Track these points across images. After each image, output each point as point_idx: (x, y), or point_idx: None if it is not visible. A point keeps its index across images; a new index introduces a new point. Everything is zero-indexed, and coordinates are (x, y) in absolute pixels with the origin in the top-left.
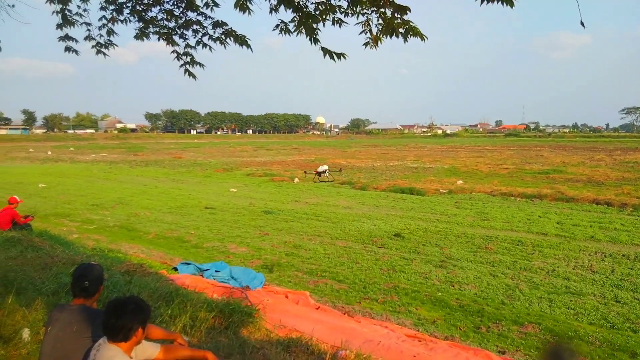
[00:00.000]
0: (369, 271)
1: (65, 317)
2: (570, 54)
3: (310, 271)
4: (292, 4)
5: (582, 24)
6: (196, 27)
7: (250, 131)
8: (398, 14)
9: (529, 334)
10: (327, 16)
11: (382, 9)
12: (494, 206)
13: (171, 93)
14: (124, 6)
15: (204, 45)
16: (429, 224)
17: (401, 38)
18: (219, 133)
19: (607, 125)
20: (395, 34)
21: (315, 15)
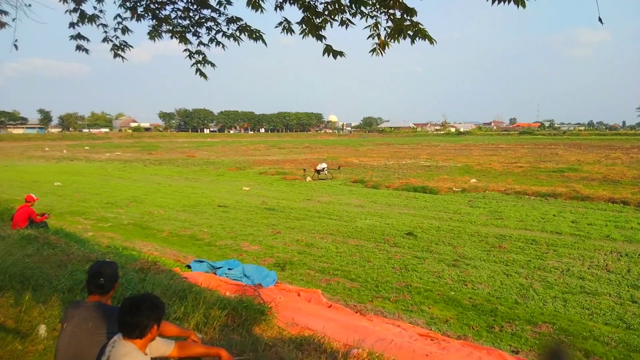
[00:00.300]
0: (381, 270)
1: (80, 314)
2: (588, 50)
3: (323, 269)
4: (299, 1)
5: (599, 20)
6: (210, 24)
7: (262, 130)
8: (407, 16)
9: (543, 334)
10: (336, 16)
11: (392, 10)
12: (507, 205)
13: (185, 92)
14: (137, 4)
15: (217, 42)
16: (442, 223)
17: (409, 40)
18: (231, 132)
19: (624, 122)
20: (403, 36)
21: (324, 14)
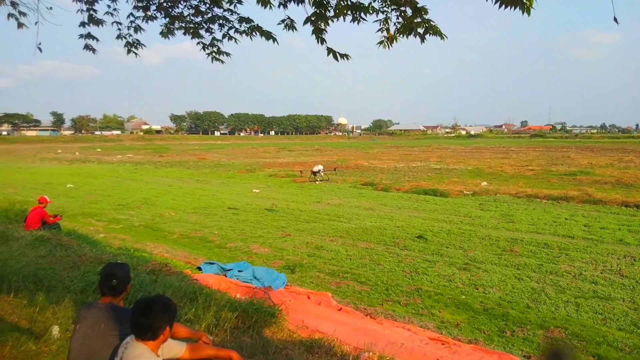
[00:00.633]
0: (391, 273)
1: (93, 315)
2: (599, 52)
3: (332, 272)
4: None
5: (615, 20)
6: (222, 21)
7: (272, 132)
8: (418, 13)
9: (555, 339)
10: (348, 12)
11: (403, 7)
12: (519, 208)
13: (196, 95)
14: (150, 3)
15: (230, 37)
16: (453, 226)
17: (419, 38)
18: (242, 134)
19: (637, 125)
20: (413, 33)
21: (335, 10)
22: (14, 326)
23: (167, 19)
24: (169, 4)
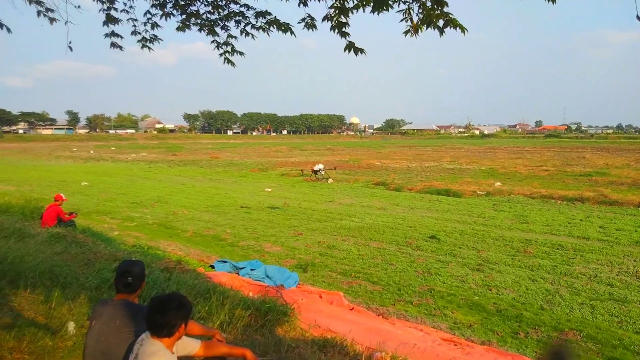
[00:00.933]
0: (403, 273)
1: (108, 312)
2: (615, 52)
3: (344, 272)
4: None
5: (638, 17)
6: (239, 17)
7: (284, 132)
8: (437, 6)
9: (569, 341)
10: (369, 3)
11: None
12: (533, 209)
13: (209, 94)
14: (167, 0)
15: (247, 34)
16: (466, 227)
17: (437, 32)
18: (254, 133)
19: None
20: (433, 26)
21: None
22: (30, 321)
23: (183, 16)
24: (186, 1)
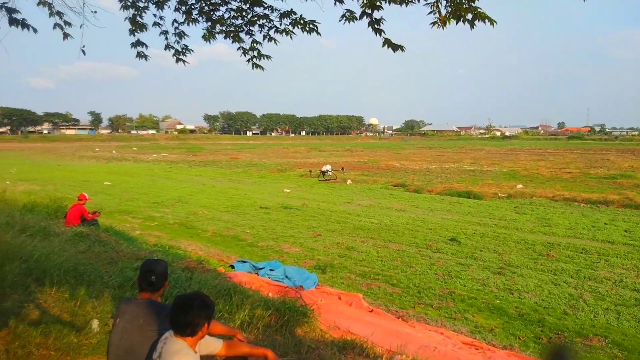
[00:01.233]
0: (423, 276)
1: (132, 310)
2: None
3: (363, 273)
4: None
5: None
6: (263, 21)
7: (303, 133)
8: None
9: (594, 347)
10: None
11: None
12: (555, 212)
13: (228, 95)
14: (192, 7)
15: (270, 39)
16: (487, 229)
17: (468, 25)
18: (273, 134)
19: None
20: (462, 20)
21: None
22: (56, 319)
23: (208, 22)
24: (210, 7)
